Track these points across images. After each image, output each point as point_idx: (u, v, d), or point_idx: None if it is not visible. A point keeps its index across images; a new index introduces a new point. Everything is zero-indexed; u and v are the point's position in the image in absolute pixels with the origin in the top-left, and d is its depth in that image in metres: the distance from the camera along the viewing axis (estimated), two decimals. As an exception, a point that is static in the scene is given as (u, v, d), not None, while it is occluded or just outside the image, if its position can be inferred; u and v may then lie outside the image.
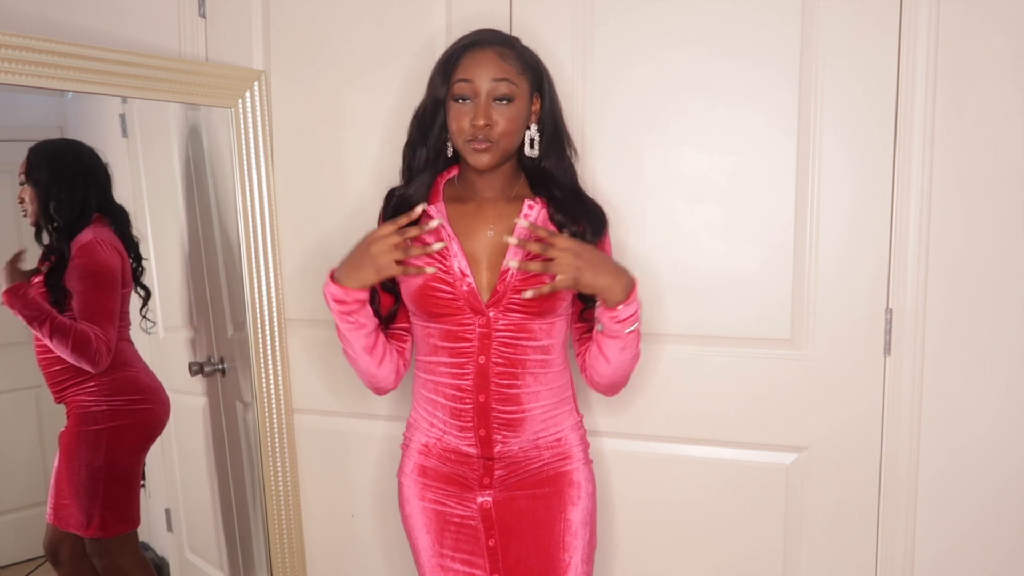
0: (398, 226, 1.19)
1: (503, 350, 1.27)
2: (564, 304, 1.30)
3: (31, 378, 1.66)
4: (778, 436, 1.47)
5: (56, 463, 1.69)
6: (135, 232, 1.73)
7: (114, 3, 1.70)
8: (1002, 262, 1.31)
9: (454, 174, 1.36)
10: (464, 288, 1.26)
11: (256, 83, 1.67)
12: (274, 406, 1.75)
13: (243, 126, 1.67)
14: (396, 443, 1.43)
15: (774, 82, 1.39)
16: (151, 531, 1.95)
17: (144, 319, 1.76)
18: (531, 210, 1.28)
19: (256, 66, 1.70)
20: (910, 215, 1.34)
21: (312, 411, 1.79)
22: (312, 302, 1.73)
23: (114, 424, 1.70)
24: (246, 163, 1.68)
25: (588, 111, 1.49)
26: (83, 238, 1.63)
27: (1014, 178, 1.29)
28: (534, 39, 1.48)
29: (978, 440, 1.36)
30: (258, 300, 1.71)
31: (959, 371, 1.35)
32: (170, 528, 1.95)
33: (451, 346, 1.28)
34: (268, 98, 1.70)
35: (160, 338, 1.84)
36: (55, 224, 1.61)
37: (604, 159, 1.49)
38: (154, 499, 1.92)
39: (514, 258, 1.25)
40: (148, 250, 1.80)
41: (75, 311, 1.62)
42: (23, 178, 1.60)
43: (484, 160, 1.24)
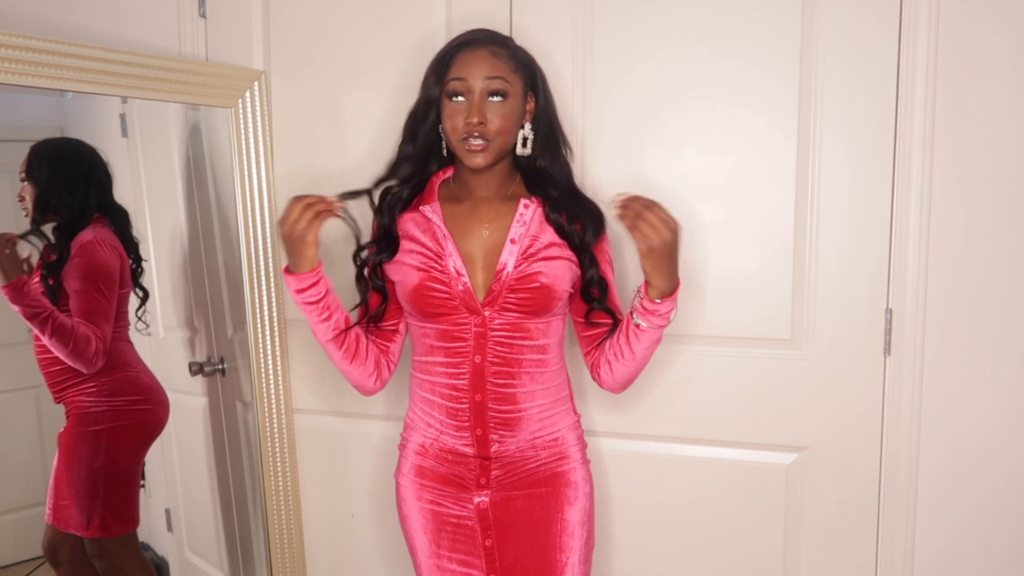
0: (304, 202, 1.22)
1: (499, 349, 1.27)
2: (560, 303, 1.29)
3: (31, 378, 1.66)
4: (778, 436, 1.47)
5: (55, 463, 1.69)
6: (135, 233, 1.74)
7: (114, 3, 1.70)
8: (1002, 262, 1.31)
9: (450, 174, 1.36)
10: (460, 288, 1.26)
11: (256, 83, 1.67)
12: (274, 406, 1.75)
13: (243, 126, 1.67)
14: (396, 443, 1.43)
15: (774, 82, 1.39)
16: (151, 531, 1.95)
17: (139, 320, 1.76)
18: (526, 209, 1.28)
19: (256, 66, 1.70)
20: (910, 215, 1.34)
21: (312, 411, 1.79)
22: (312, 302, 1.73)
23: (114, 425, 1.70)
24: (246, 163, 1.68)
25: (588, 111, 1.49)
26: (83, 237, 1.63)
27: (1014, 178, 1.29)
28: (534, 40, 1.48)
29: (978, 440, 1.36)
30: (258, 300, 1.71)
31: (959, 371, 1.35)
32: (170, 528, 1.95)
33: (447, 346, 1.28)
34: (268, 98, 1.70)
35: (160, 338, 1.84)
36: (55, 223, 1.61)
37: (604, 159, 1.49)
38: (154, 499, 1.92)
39: (510, 256, 1.25)
40: (148, 250, 1.80)
41: (72, 310, 1.62)
42: (24, 176, 1.60)
43: (479, 160, 1.24)
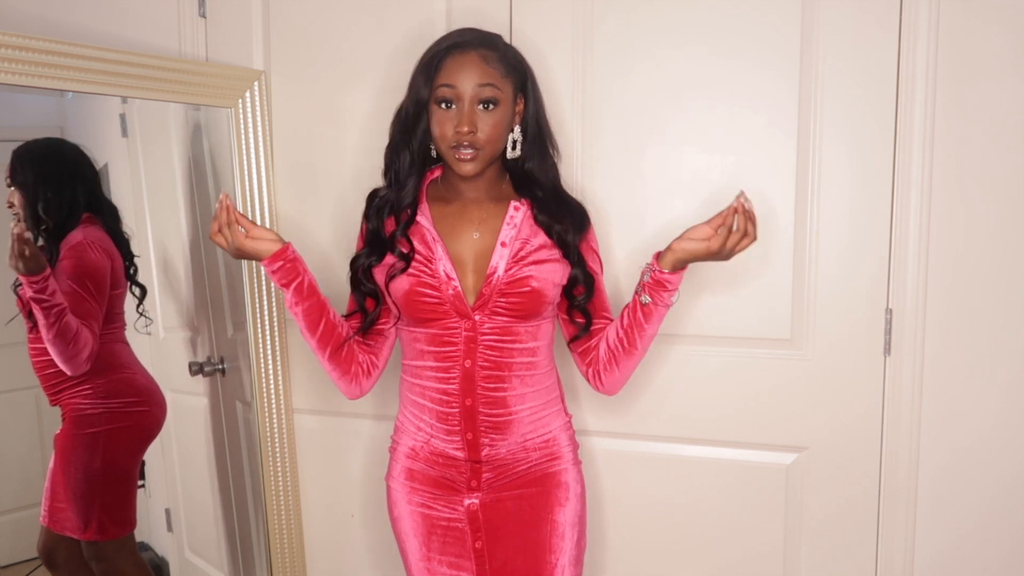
0: (216, 229, 1.26)
1: (489, 353, 1.26)
2: (550, 307, 1.29)
3: (30, 378, 1.66)
4: (778, 436, 1.47)
5: (51, 466, 1.68)
6: (126, 229, 1.72)
7: (114, 3, 1.70)
8: (1002, 262, 1.31)
9: (437, 175, 1.35)
10: (450, 292, 1.25)
11: (256, 83, 1.67)
12: (274, 406, 1.75)
13: (243, 126, 1.67)
14: (396, 443, 1.43)
15: (774, 82, 1.39)
16: (151, 531, 1.95)
17: (141, 316, 1.75)
18: (516, 212, 1.28)
19: (256, 66, 1.70)
20: (910, 215, 1.34)
21: (312, 411, 1.79)
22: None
23: (111, 427, 1.69)
24: (246, 163, 1.68)
25: (588, 111, 1.49)
26: (73, 239, 1.62)
27: (1014, 178, 1.29)
28: (533, 40, 1.48)
29: (978, 440, 1.36)
30: (258, 300, 1.71)
31: (959, 371, 1.35)
32: (170, 528, 1.95)
33: (437, 350, 1.28)
34: (268, 98, 1.70)
35: (160, 338, 1.84)
36: (44, 226, 1.60)
37: (604, 159, 1.49)
38: (154, 499, 1.92)
39: (500, 260, 1.25)
40: (148, 250, 1.80)
41: None
42: (9, 182, 1.59)
43: (469, 168, 1.23)
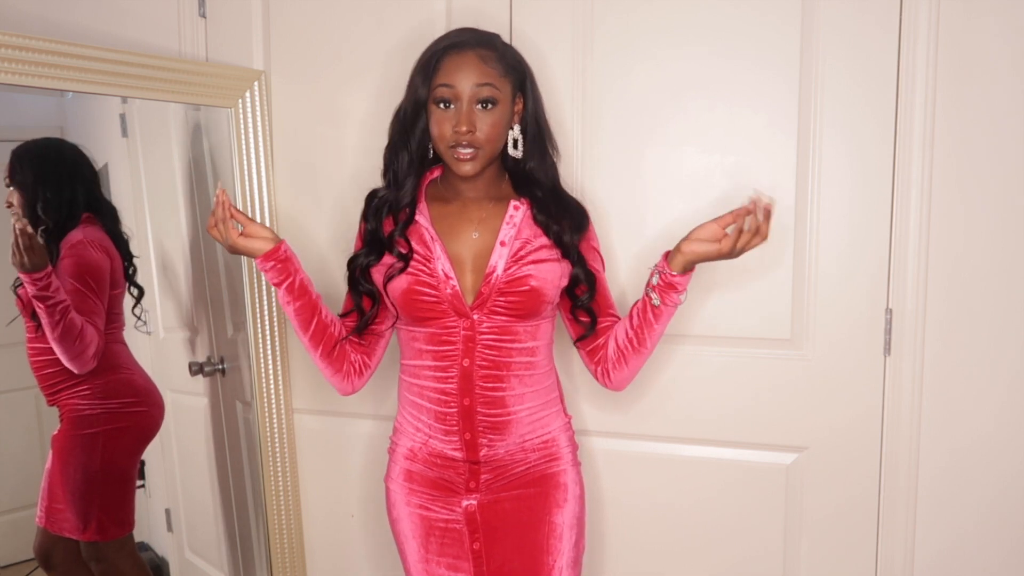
0: (212, 225, 1.27)
1: (487, 353, 1.26)
2: (550, 307, 1.29)
3: (30, 378, 1.65)
4: (778, 436, 1.47)
5: (48, 466, 1.68)
6: (125, 230, 1.72)
7: (114, 3, 1.70)
8: (1002, 262, 1.31)
9: (437, 175, 1.35)
10: (448, 291, 1.25)
11: (256, 83, 1.67)
12: (274, 406, 1.75)
13: (243, 126, 1.67)
14: (396, 443, 1.43)
15: (774, 82, 1.39)
16: (151, 531, 1.95)
17: (138, 319, 1.75)
18: (516, 211, 1.28)
19: (256, 66, 1.70)
20: (910, 215, 1.34)
21: (312, 411, 1.79)
22: (312, 302, 1.73)
23: (109, 427, 1.69)
24: (246, 163, 1.68)
25: (588, 111, 1.49)
26: (73, 238, 1.62)
27: (1014, 178, 1.29)
28: (533, 40, 1.48)
29: (978, 440, 1.36)
30: (258, 300, 1.71)
31: (959, 371, 1.35)
32: (170, 528, 1.95)
33: (435, 349, 1.28)
34: (268, 98, 1.70)
35: (160, 338, 1.84)
36: (44, 226, 1.60)
37: (604, 159, 1.49)
38: (154, 499, 1.92)
39: (500, 259, 1.25)
40: (148, 250, 1.80)
41: None
42: (8, 182, 1.58)
43: (468, 168, 1.23)
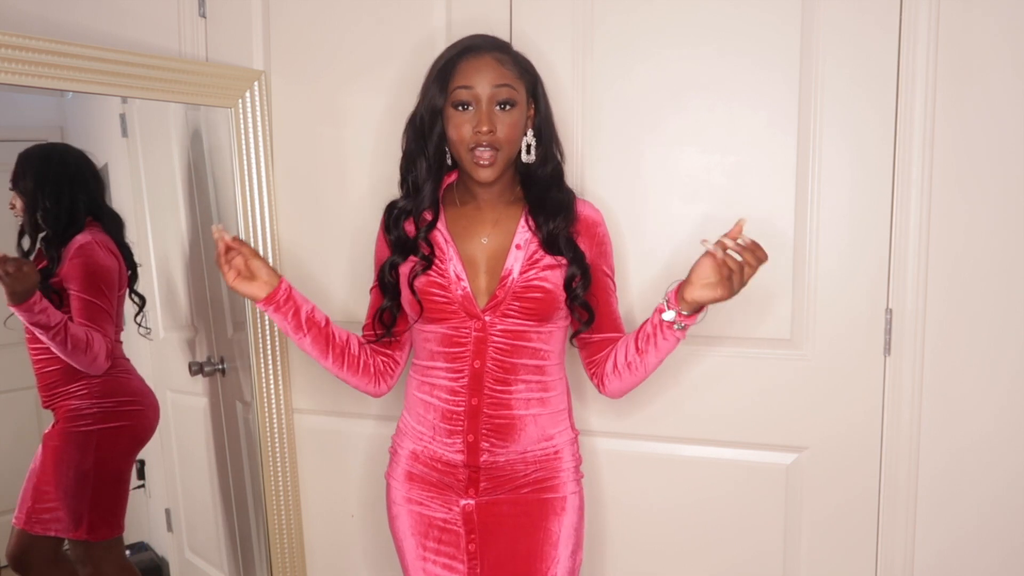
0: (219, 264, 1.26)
1: (498, 355, 1.27)
2: (560, 312, 1.29)
3: (30, 378, 1.65)
4: (778, 436, 1.47)
5: (36, 464, 1.67)
6: (129, 239, 1.72)
7: (114, 3, 1.70)
8: (1002, 262, 1.31)
9: (453, 179, 1.36)
10: (459, 292, 1.26)
11: (256, 83, 1.67)
12: (274, 406, 1.75)
13: (243, 126, 1.67)
14: (396, 443, 1.43)
15: (774, 82, 1.39)
16: (151, 531, 1.95)
17: (140, 326, 1.75)
18: (527, 223, 1.29)
19: (256, 66, 1.70)
20: (910, 215, 1.34)
21: (312, 411, 1.79)
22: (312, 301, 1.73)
23: (104, 426, 1.69)
24: (246, 163, 1.68)
25: (588, 111, 1.49)
26: (81, 239, 1.62)
27: (1014, 178, 1.29)
28: (534, 40, 1.48)
29: (978, 440, 1.35)
30: (258, 300, 1.71)
31: (959, 371, 1.35)
32: (170, 528, 1.95)
33: (447, 350, 1.29)
34: (268, 98, 1.70)
35: (160, 338, 1.84)
36: (44, 232, 1.60)
37: (604, 159, 1.49)
38: (154, 499, 1.92)
39: (516, 262, 1.25)
40: (148, 250, 1.80)
41: (73, 311, 1.61)
42: (11, 185, 1.58)
43: (487, 175, 1.23)
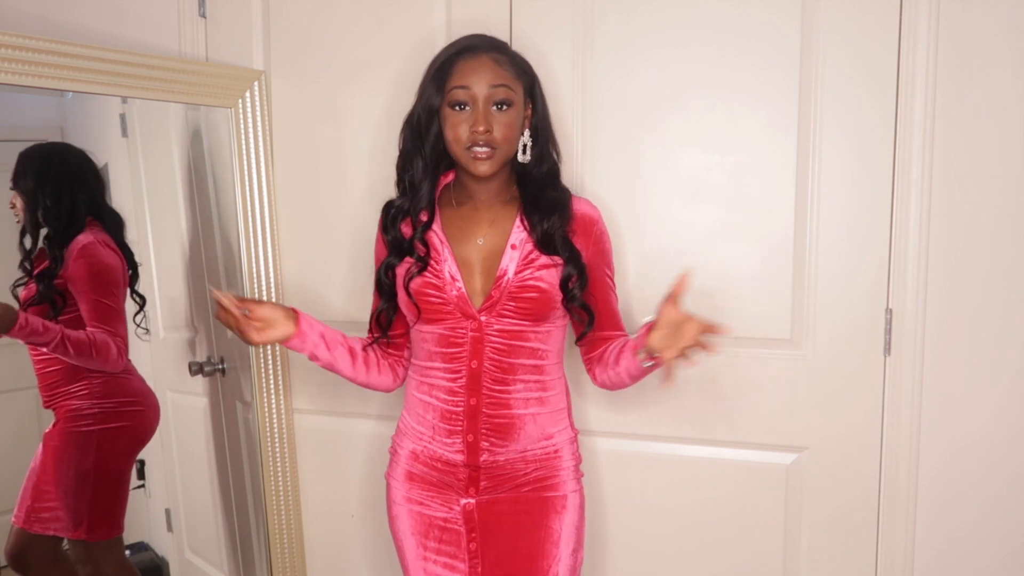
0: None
1: (495, 355, 1.27)
2: (557, 312, 1.29)
3: (31, 378, 1.66)
4: (778, 436, 1.47)
5: (37, 463, 1.67)
6: (129, 239, 1.72)
7: (114, 3, 1.70)
8: (1002, 262, 1.31)
9: (450, 179, 1.36)
10: (454, 293, 1.26)
11: (256, 83, 1.67)
12: (274, 406, 1.75)
13: (243, 126, 1.67)
14: (396, 443, 1.44)
15: (774, 82, 1.39)
16: (151, 531, 1.95)
17: (139, 327, 1.75)
18: (522, 223, 1.29)
19: (256, 66, 1.70)
20: (910, 215, 1.34)
21: (312, 411, 1.79)
22: (312, 302, 1.73)
23: (105, 426, 1.69)
24: (246, 163, 1.68)
25: (588, 111, 1.49)
26: (82, 240, 1.62)
27: (1014, 178, 1.29)
28: (533, 40, 1.48)
29: (978, 440, 1.35)
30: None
31: (959, 371, 1.35)
32: (170, 528, 1.96)
33: (444, 351, 1.29)
34: (268, 98, 1.70)
35: (160, 338, 1.84)
36: (46, 231, 1.60)
37: (603, 159, 1.49)
38: (154, 499, 1.92)
39: (511, 262, 1.26)
40: (148, 250, 1.80)
41: (84, 314, 1.61)
42: (11, 184, 1.59)
43: (484, 168, 1.23)
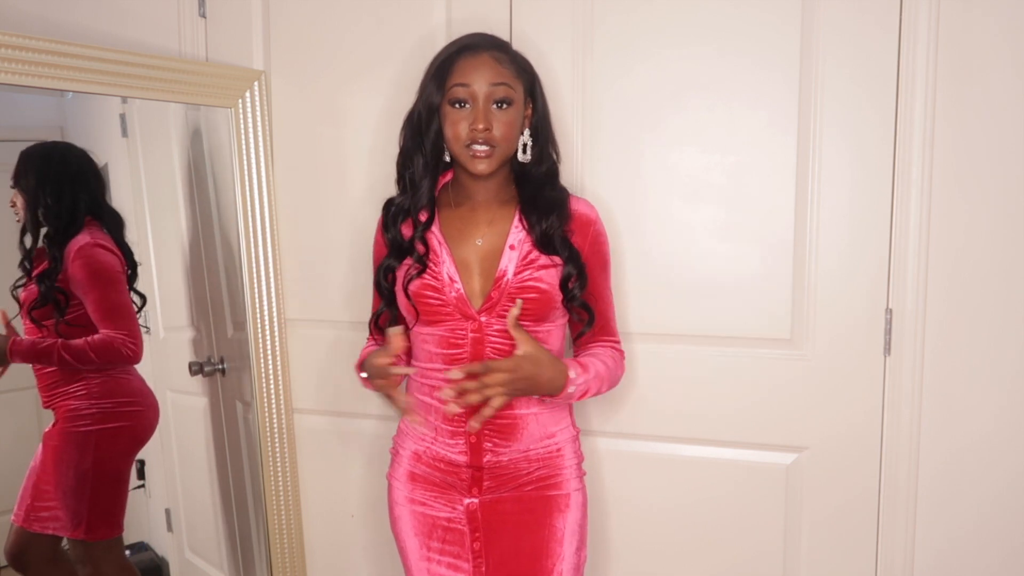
0: (384, 365, 1.21)
1: (496, 356, 1.26)
2: (557, 312, 1.30)
3: (31, 378, 1.65)
4: (778, 436, 1.47)
5: (37, 463, 1.67)
6: (128, 239, 1.72)
7: (114, 3, 1.70)
8: (1002, 262, 1.31)
9: (448, 179, 1.36)
10: (452, 295, 1.26)
11: (256, 83, 1.67)
12: (274, 406, 1.75)
13: (243, 126, 1.67)
14: (396, 443, 1.43)
15: (774, 82, 1.39)
16: (151, 531, 1.95)
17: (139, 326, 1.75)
18: (521, 223, 1.29)
19: (256, 66, 1.70)
20: (910, 215, 1.34)
21: (312, 411, 1.79)
22: (312, 302, 1.73)
23: (104, 426, 1.69)
24: (246, 163, 1.68)
25: (588, 111, 1.49)
26: (80, 240, 1.62)
27: (1014, 178, 1.29)
28: (533, 40, 1.48)
29: (978, 440, 1.35)
30: (258, 300, 1.71)
31: (959, 371, 1.35)
32: (170, 528, 1.95)
33: (444, 352, 1.29)
34: (268, 98, 1.70)
35: (160, 338, 1.84)
36: (46, 230, 1.60)
37: (603, 159, 1.49)
38: (154, 499, 1.92)
39: (510, 263, 1.26)
40: (148, 250, 1.80)
41: (91, 314, 1.61)
42: (12, 183, 1.59)
43: (483, 167, 1.23)
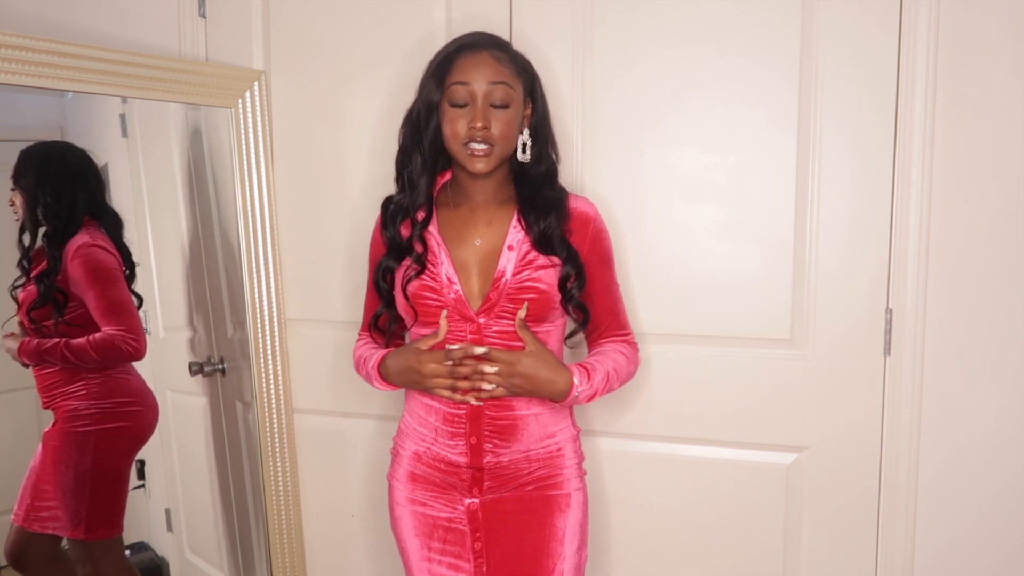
0: (446, 361, 1.23)
1: None
2: (557, 312, 1.29)
3: (31, 378, 1.65)
4: (778, 436, 1.47)
5: (34, 463, 1.67)
6: (127, 239, 1.72)
7: (114, 3, 1.70)
8: (1002, 262, 1.31)
9: (447, 179, 1.35)
10: (451, 296, 1.25)
11: (256, 83, 1.67)
12: (274, 406, 1.75)
13: (243, 126, 1.67)
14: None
15: (774, 82, 1.39)
16: (151, 531, 1.95)
17: None
18: (519, 223, 1.29)
19: (256, 66, 1.70)
20: (910, 215, 1.34)
21: (312, 411, 1.79)
22: (312, 302, 1.73)
23: (103, 426, 1.69)
24: (246, 163, 1.68)
25: (588, 111, 1.49)
26: (78, 240, 1.62)
27: (1014, 178, 1.29)
28: (533, 40, 1.48)
29: (978, 440, 1.35)
30: (258, 300, 1.71)
31: (959, 371, 1.35)
32: (170, 528, 1.95)
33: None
34: (268, 98, 1.70)
35: (160, 338, 1.84)
36: (45, 230, 1.60)
37: (603, 159, 1.49)
38: (154, 499, 1.92)
39: (508, 263, 1.26)
40: (148, 250, 1.80)
41: (92, 312, 1.62)
42: (12, 182, 1.59)
43: (481, 166, 1.23)
